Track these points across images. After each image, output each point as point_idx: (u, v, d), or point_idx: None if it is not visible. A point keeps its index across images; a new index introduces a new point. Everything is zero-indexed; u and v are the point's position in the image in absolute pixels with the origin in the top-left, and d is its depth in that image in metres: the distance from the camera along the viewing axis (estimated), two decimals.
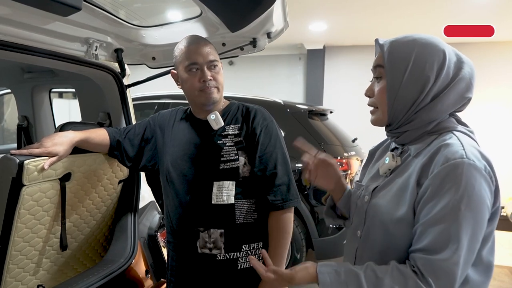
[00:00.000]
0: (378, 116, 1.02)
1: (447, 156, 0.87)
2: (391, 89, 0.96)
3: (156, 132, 1.60)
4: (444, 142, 0.91)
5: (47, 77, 2.37)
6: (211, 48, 1.44)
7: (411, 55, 0.95)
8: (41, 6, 1.25)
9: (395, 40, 0.99)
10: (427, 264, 0.84)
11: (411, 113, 0.96)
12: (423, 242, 0.86)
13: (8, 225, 1.39)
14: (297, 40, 6.90)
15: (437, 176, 0.86)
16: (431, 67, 0.93)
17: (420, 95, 0.94)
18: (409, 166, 0.97)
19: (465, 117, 1.08)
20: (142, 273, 1.93)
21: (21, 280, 1.54)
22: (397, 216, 0.93)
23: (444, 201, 0.84)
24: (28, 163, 1.34)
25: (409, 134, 0.99)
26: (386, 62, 0.97)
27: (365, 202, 1.05)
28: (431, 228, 0.85)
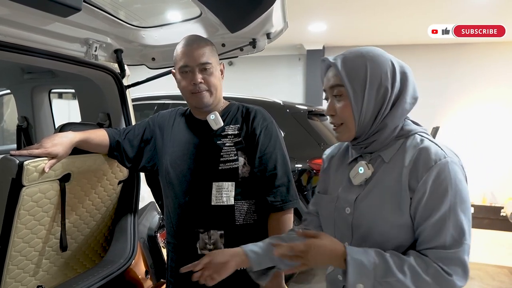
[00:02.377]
0: (345, 132, 1.05)
1: (431, 158, 0.94)
2: (356, 106, 1.00)
3: (155, 132, 1.60)
4: (421, 146, 0.98)
5: (47, 78, 2.37)
6: (207, 50, 1.42)
7: (366, 69, 0.99)
8: (41, 7, 1.25)
9: (346, 57, 1.02)
10: (444, 258, 0.91)
11: (377, 124, 1.01)
12: (435, 241, 0.92)
13: (8, 226, 1.39)
14: (296, 41, 6.90)
15: (429, 180, 0.93)
16: (386, 77, 0.99)
17: (383, 106, 1.00)
18: (388, 172, 1.00)
19: (465, 117, 1.10)
20: (142, 273, 1.93)
21: (21, 281, 1.54)
22: (398, 223, 0.97)
23: (444, 202, 0.92)
24: (28, 164, 1.34)
25: (378, 143, 1.03)
26: (345, 81, 1.00)
27: (347, 214, 1.05)
28: (439, 227, 0.92)
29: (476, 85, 6.45)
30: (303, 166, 3.50)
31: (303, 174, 3.51)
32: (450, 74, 6.55)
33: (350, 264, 0.93)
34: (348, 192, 1.07)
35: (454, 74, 6.53)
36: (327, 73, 1.07)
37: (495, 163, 6.37)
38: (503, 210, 6.10)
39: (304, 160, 3.50)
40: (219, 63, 1.48)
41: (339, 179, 1.12)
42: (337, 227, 1.09)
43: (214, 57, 1.44)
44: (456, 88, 6.54)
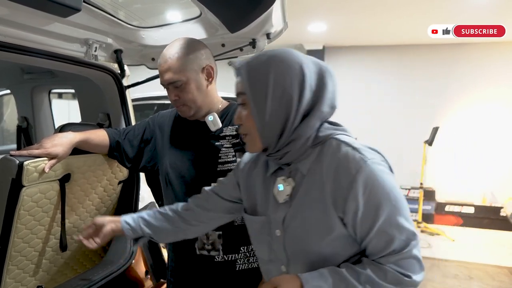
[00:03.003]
0: (251, 143, 0.99)
1: (351, 167, 0.87)
2: (258, 115, 0.93)
3: (155, 132, 1.60)
4: (338, 154, 0.90)
5: (47, 78, 2.37)
6: (175, 65, 1.37)
7: (269, 76, 0.91)
8: (41, 7, 1.25)
9: (251, 62, 0.95)
10: (397, 260, 0.88)
11: (287, 135, 0.93)
12: (385, 250, 0.88)
13: (7, 226, 1.39)
14: (296, 41, 6.90)
15: (358, 195, 0.87)
16: (291, 85, 0.91)
17: (289, 116, 0.91)
18: (310, 186, 0.94)
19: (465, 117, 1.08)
20: (142, 273, 1.93)
21: (21, 281, 1.54)
22: (331, 238, 0.91)
23: (380, 212, 0.87)
24: (28, 164, 1.34)
25: (291, 154, 0.95)
26: (246, 89, 0.93)
27: (278, 236, 0.98)
28: (384, 237, 0.88)
29: (476, 85, 6.45)
30: None
31: None
32: (450, 74, 6.55)
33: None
34: (276, 212, 0.99)
35: (454, 74, 6.53)
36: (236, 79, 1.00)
37: (495, 163, 6.38)
38: (503, 210, 6.11)
39: None
40: (199, 71, 1.41)
41: (266, 197, 1.03)
42: (271, 250, 1.02)
43: (185, 71, 1.38)
44: (456, 88, 6.54)
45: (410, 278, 0.87)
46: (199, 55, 1.42)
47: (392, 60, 6.74)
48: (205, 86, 1.44)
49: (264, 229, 1.03)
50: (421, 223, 5.85)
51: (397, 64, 6.70)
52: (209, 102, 1.47)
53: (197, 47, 1.43)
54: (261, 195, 1.05)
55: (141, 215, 1.26)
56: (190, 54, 1.40)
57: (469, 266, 4.51)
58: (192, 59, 1.40)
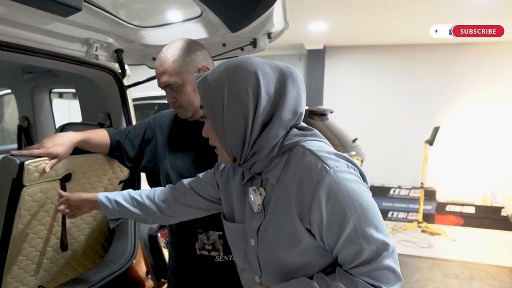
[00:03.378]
0: (220, 155, 0.97)
1: (313, 178, 0.83)
2: (216, 128, 0.91)
3: (156, 132, 1.60)
4: (302, 163, 0.87)
5: (48, 78, 2.37)
6: (170, 67, 1.37)
7: (223, 87, 0.88)
8: (42, 7, 1.25)
9: (208, 74, 0.92)
10: (368, 271, 0.83)
11: (249, 146, 0.90)
12: (354, 261, 0.84)
13: (8, 226, 1.39)
14: (297, 40, 6.90)
15: (322, 205, 0.83)
16: (246, 93, 0.87)
17: (247, 126, 0.88)
18: (279, 197, 0.91)
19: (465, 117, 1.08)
20: (142, 273, 1.93)
21: (22, 281, 1.54)
22: (302, 247, 0.88)
23: (346, 222, 0.82)
24: (29, 163, 1.34)
25: (259, 164, 0.93)
26: (203, 103, 0.92)
27: (252, 246, 0.97)
28: (351, 248, 0.83)
29: (477, 85, 6.44)
30: None
31: None
32: (451, 74, 6.54)
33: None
34: (251, 221, 0.97)
35: (454, 74, 6.53)
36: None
37: (495, 163, 6.37)
38: (503, 210, 6.10)
39: None
40: (196, 73, 1.39)
41: (242, 205, 1.02)
42: (247, 259, 1.00)
43: (181, 73, 1.37)
44: (457, 88, 6.53)
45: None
46: (195, 56, 1.40)
47: (392, 60, 6.74)
48: None
49: (240, 237, 1.01)
50: (421, 223, 5.85)
51: (398, 64, 6.70)
52: None
53: (193, 49, 1.41)
54: (238, 203, 1.03)
55: (116, 199, 1.30)
56: (186, 56, 1.39)
57: (470, 266, 4.51)
58: (188, 61, 1.39)
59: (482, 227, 6.14)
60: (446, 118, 6.53)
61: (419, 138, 6.11)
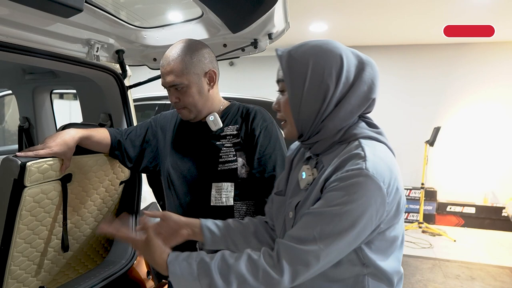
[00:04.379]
0: (288, 129, 1.01)
1: (348, 167, 0.86)
2: (294, 102, 0.95)
3: (157, 133, 1.60)
4: (348, 153, 0.89)
5: (48, 78, 2.37)
6: (178, 68, 1.37)
7: (308, 65, 0.92)
8: (43, 8, 1.25)
9: (292, 50, 0.96)
10: (288, 250, 0.86)
11: (317, 123, 0.94)
12: (298, 231, 0.88)
13: (9, 227, 1.39)
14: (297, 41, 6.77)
15: (334, 181, 0.87)
16: (330, 74, 0.91)
17: (323, 105, 0.92)
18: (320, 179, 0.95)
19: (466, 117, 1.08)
20: (143, 274, 1.93)
21: (23, 282, 1.54)
22: None
23: (330, 200, 0.86)
24: (31, 164, 1.34)
25: (319, 145, 0.97)
26: (285, 76, 0.95)
27: (290, 218, 1.01)
28: (308, 220, 0.88)
29: (477, 85, 6.44)
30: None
31: None
32: (451, 74, 6.54)
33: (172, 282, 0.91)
34: (294, 196, 1.03)
35: (455, 74, 6.53)
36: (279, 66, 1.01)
37: (496, 163, 6.37)
38: (504, 210, 6.10)
39: None
40: (202, 75, 1.41)
41: (294, 181, 1.07)
42: (283, 230, 1.05)
43: (188, 74, 1.38)
44: (457, 88, 6.53)
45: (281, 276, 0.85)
46: (202, 59, 1.41)
47: (392, 60, 6.74)
48: (207, 90, 1.44)
49: (281, 209, 1.07)
50: (422, 223, 5.85)
51: (398, 64, 6.70)
52: (210, 105, 1.47)
53: (201, 51, 1.42)
54: (291, 179, 1.09)
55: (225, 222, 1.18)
56: (193, 58, 1.39)
57: (470, 266, 4.51)
58: (195, 62, 1.39)
59: (483, 228, 6.13)
60: (446, 119, 6.53)
61: (420, 139, 6.10)
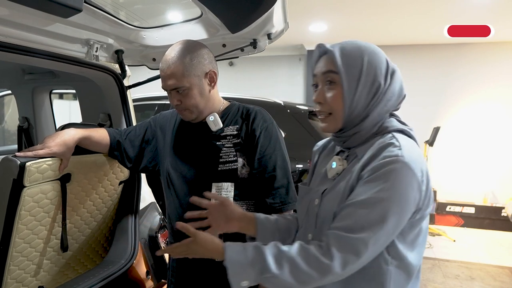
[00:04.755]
0: (332, 122, 1.03)
1: (385, 154, 0.92)
2: (348, 95, 0.98)
3: (157, 133, 1.60)
4: (384, 143, 0.95)
5: (48, 78, 2.37)
6: (179, 71, 1.36)
7: (363, 61, 0.98)
8: (42, 8, 1.25)
9: (344, 46, 1.00)
10: (337, 239, 0.90)
11: (363, 117, 1.00)
12: (343, 222, 0.91)
13: (9, 227, 1.39)
14: (297, 41, 6.90)
15: (372, 169, 0.91)
16: (380, 72, 0.99)
17: (372, 100, 0.99)
18: (353, 167, 0.99)
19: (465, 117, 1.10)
20: (142, 274, 1.93)
21: (22, 282, 1.54)
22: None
23: (370, 188, 0.90)
24: (30, 164, 1.34)
25: (357, 137, 1.01)
26: (341, 68, 0.98)
27: (315, 205, 1.05)
28: (353, 210, 0.91)
29: (476, 85, 6.45)
30: (303, 166, 3.50)
31: (304, 174, 3.51)
32: (451, 74, 6.54)
33: (227, 266, 0.94)
34: (321, 185, 1.08)
35: (454, 74, 6.53)
36: (320, 60, 1.03)
37: (496, 163, 6.37)
38: (504, 210, 6.10)
39: (304, 160, 3.50)
40: (203, 76, 1.41)
41: (320, 172, 1.13)
42: (306, 218, 1.09)
43: (189, 77, 1.37)
44: (457, 88, 6.54)
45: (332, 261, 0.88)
46: (202, 60, 1.40)
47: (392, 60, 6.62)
48: (208, 91, 1.44)
49: (306, 197, 1.11)
50: None
51: (398, 64, 6.42)
52: (211, 105, 1.47)
53: (200, 52, 1.41)
54: (317, 170, 1.15)
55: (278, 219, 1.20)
56: (193, 60, 1.38)
57: (470, 266, 4.51)
58: (195, 64, 1.38)
59: (483, 228, 6.13)
60: (446, 119, 6.54)
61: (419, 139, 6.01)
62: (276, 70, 7.65)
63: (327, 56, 1.01)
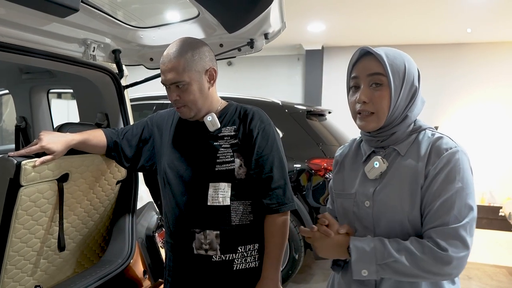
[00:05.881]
0: (373, 121, 1.08)
1: (443, 147, 1.02)
2: (394, 97, 1.06)
3: (154, 132, 1.60)
4: (434, 137, 1.06)
5: (45, 78, 2.37)
6: (180, 65, 1.35)
7: (405, 67, 1.07)
8: (39, 8, 1.25)
9: (386, 51, 1.08)
10: (442, 233, 0.98)
11: (402, 117, 1.09)
12: (440, 219, 0.99)
13: (5, 226, 1.39)
14: (295, 41, 6.91)
15: (440, 165, 1.01)
16: (416, 78, 1.10)
17: (410, 102, 1.09)
18: (405, 165, 1.06)
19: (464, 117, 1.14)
20: (140, 273, 1.93)
21: (19, 281, 1.54)
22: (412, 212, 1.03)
23: (451, 186, 1.00)
24: (26, 163, 1.35)
25: (394, 137, 1.10)
26: (389, 71, 1.05)
27: (366, 207, 1.10)
28: (443, 206, 0.99)
29: (476, 85, 6.45)
30: (301, 166, 3.51)
31: (302, 174, 3.52)
32: (450, 74, 6.55)
33: (353, 251, 1.00)
34: (365, 187, 1.12)
35: (453, 74, 6.54)
36: (362, 62, 1.10)
37: (493, 163, 6.38)
38: (501, 210, 6.10)
39: (302, 160, 3.51)
40: (203, 73, 1.41)
41: (353, 176, 1.17)
42: (358, 221, 1.13)
43: (189, 72, 1.37)
44: (456, 87, 6.54)
45: (446, 251, 0.96)
46: (203, 56, 1.41)
47: None
48: (207, 88, 1.44)
49: (350, 203, 1.15)
50: None
51: None
52: (209, 104, 1.47)
53: (202, 49, 1.41)
54: (349, 177, 1.19)
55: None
56: (195, 55, 1.39)
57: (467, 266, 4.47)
58: (197, 60, 1.39)
59: (480, 227, 6.14)
60: (444, 118, 6.54)
61: None
62: (274, 69, 7.65)
63: (372, 59, 1.07)
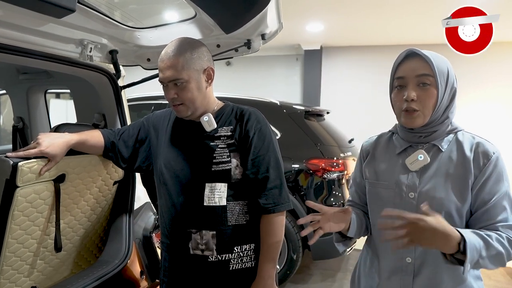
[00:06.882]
0: (419, 118, 1.17)
1: (489, 150, 1.16)
2: (440, 97, 1.15)
3: (150, 132, 1.60)
4: (477, 140, 1.19)
5: (42, 78, 2.37)
6: (179, 63, 1.36)
7: (447, 68, 1.17)
8: (35, 8, 1.25)
9: (431, 54, 1.16)
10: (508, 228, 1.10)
11: (444, 116, 1.19)
12: (501, 216, 1.12)
13: (1, 227, 1.39)
14: (294, 41, 6.91)
15: (490, 168, 1.13)
16: (455, 81, 1.20)
17: (451, 103, 1.19)
18: (448, 160, 1.17)
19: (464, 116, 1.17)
20: (137, 274, 1.93)
21: (15, 282, 1.54)
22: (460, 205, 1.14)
23: (501, 186, 1.13)
24: (22, 164, 1.34)
25: (437, 133, 1.20)
26: (436, 73, 1.14)
27: (411, 199, 1.19)
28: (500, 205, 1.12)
29: (475, 85, 6.46)
30: (299, 166, 3.51)
31: (300, 174, 3.52)
32: None
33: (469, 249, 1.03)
34: (407, 178, 1.20)
35: None
36: (408, 63, 1.18)
37: None
38: None
39: (300, 160, 3.51)
40: (201, 72, 1.41)
41: (390, 167, 1.26)
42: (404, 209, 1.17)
43: (188, 70, 1.37)
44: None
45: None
46: (202, 56, 1.42)
47: (390, 60, 6.53)
48: (205, 87, 1.45)
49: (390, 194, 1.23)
50: None
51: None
52: (206, 103, 1.47)
53: (201, 48, 1.42)
54: (385, 167, 1.28)
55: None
56: (194, 54, 1.39)
57: None
58: (195, 59, 1.39)
59: None
60: None
61: None
62: (273, 70, 7.65)
63: (419, 60, 1.16)
